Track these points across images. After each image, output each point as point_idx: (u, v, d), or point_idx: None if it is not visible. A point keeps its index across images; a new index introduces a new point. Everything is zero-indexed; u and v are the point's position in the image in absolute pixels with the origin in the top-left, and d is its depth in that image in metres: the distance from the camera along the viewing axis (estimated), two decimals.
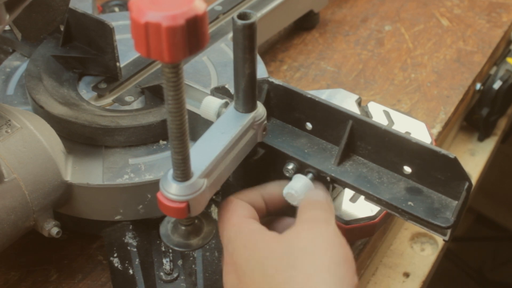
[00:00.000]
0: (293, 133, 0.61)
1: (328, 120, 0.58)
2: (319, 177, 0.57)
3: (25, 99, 0.74)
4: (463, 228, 1.80)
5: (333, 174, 0.57)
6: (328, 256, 0.48)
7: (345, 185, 0.57)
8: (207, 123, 0.59)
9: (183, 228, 0.56)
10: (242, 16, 0.49)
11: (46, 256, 0.71)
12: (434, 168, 0.53)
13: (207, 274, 0.65)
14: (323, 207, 0.53)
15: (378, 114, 0.74)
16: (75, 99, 0.71)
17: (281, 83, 0.59)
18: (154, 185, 0.65)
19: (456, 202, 0.53)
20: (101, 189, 0.65)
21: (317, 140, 0.60)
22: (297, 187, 0.56)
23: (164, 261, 0.66)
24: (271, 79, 0.60)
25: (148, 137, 0.68)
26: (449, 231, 0.53)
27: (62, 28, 0.76)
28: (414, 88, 0.95)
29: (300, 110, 0.60)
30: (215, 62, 0.78)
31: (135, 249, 0.67)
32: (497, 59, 1.05)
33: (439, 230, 0.54)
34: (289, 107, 0.60)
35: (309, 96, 0.58)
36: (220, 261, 0.67)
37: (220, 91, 0.64)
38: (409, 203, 0.54)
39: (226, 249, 0.53)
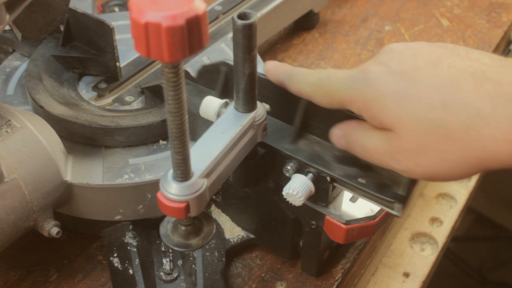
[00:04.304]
0: None
1: (283, 100, 0.59)
2: (319, 177, 0.58)
3: (25, 99, 0.74)
4: (463, 228, 1.80)
5: (286, 152, 0.58)
6: None
7: (299, 162, 0.58)
8: (207, 123, 0.59)
9: (183, 228, 0.56)
10: (242, 16, 0.49)
11: (46, 256, 0.71)
12: None
13: (207, 274, 0.65)
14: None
15: None
16: (75, 99, 0.71)
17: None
18: (154, 185, 0.65)
19: (407, 177, 0.54)
20: (101, 189, 0.65)
21: (273, 120, 0.62)
22: (296, 187, 0.56)
23: (164, 261, 0.66)
24: (227, 61, 0.61)
25: (148, 137, 0.68)
26: (401, 206, 0.54)
27: (62, 28, 0.76)
28: None
29: (258, 92, 0.60)
30: None
31: (135, 249, 0.67)
32: None
33: (390, 205, 0.55)
34: None
35: (262, 76, 0.59)
36: (219, 261, 0.67)
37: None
38: (360, 179, 0.55)
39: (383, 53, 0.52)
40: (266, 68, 0.58)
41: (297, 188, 0.56)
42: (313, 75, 0.54)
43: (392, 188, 0.55)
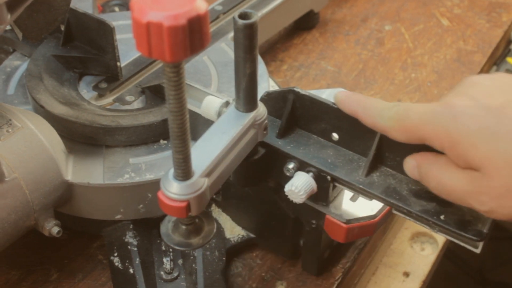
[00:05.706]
0: (318, 144, 0.60)
1: (356, 131, 0.57)
2: (320, 176, 0.58)
3: (25, 98, 0.74)
4: None
5: (361, 186, 0.56)
6: None
7: (372, 196, 0.56)
8: (208, 123, 0.59)
9: (183, 227, 0.56)
10: (243, 16, 0.49)
11: (46, 255, 0.71)
12: None
13: (208, 273, 0.65)
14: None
15: None
16: (75, 99, 0.71)
17: (306, 93, 0.59)
18: (154, 185, 0.65)
19: None
20: (102, 189, 0.65)
21: (344, 151, 0.59)
22: (298, 184, 0.56)
23: (164, 260, 0.67)
24: (296, 89, 0.59)
25: (148, 136, 0.68)
26: (481, 244, 0.52)
27: (62, 28, 0.76)
28: (414, 88, 0.96)
29: (327, 121, 0.59)
30: (215, 62, 0.78)
31: (135, 248, 0.67)
32: (497, 59, 1.05)
33: (471, 242, 0.53)
34: (315, 118, 0.59)
35: (336, 106, 0.57)
36: (220, 260, 0.67)
37: None
38: (441, 216, 0.53)
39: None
40: (337, 97, 0.56)
41: (299, 186, 0.56)
42: (390, 109, 0.51)
43: (473, 224, 0.52)
